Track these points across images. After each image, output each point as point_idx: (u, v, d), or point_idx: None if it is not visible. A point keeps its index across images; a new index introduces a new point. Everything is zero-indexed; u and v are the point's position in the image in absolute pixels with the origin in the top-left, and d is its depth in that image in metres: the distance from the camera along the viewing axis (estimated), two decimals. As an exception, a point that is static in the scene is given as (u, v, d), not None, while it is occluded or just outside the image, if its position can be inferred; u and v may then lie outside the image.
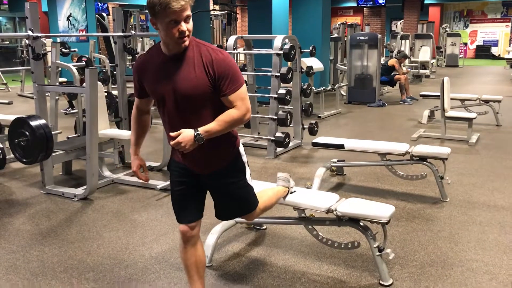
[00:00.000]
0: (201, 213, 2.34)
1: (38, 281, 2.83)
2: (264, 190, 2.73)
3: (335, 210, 2.81)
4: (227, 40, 6.38)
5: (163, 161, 4.89)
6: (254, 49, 6.61)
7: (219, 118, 2.09)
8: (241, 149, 2.34)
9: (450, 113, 6.40)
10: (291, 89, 5.91)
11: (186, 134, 2.03)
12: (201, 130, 2.04)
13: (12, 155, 4.36)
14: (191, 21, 2.05)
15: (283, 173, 3.00)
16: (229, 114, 2.10)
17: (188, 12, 2.01)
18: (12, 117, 4.30)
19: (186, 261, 2.35)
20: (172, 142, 2.05)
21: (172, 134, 2.04)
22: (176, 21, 1.97)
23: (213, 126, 2.08)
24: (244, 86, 2.15)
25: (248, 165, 2.38)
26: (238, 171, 2.32)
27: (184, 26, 2.00)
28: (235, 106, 2.11)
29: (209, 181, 2.29)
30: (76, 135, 5.42)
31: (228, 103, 2.11)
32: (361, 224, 2.81)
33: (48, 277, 2.87)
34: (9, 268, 2.99)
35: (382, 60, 10.62)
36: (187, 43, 2.06)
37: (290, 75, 5.63)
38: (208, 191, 2.37)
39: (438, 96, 6.62)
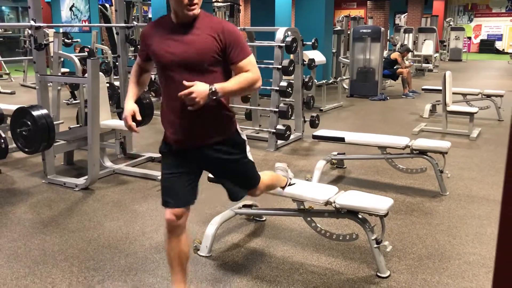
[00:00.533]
0: (189, 201, 2.27)
1: (39, 269, 2.86)
2: (266, 171, 2.76)
3: (334, 202, 2.83)
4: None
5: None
6: (256, 41, 6.61)
7: (234, 78, 2.14)
8: (239, 129, 2.35)
9: (451, 107, 6.40)
10: (292, 81, 5.91)
11: (201, 86, 2.01)
12: (216, 85, 2.05)
13: (14, 145, 4.38)
14: None
15: (281, 163, 3.02)
16: (244, 75, 2.14)
17: None
18: (14, 107, 4.32)
19: (169, 252, 2.32)
20: (184, 92, 2.00)
21: (186, 83, 2.01)
22: None
23: (228, 84, 2.10)
24: (252, 56, 2.20)
25: (247, 143, 2.39)
26: (237, 147, 2.32)
27: None
28: (248, 70, 2.15)
29: (207, 157, 2.25)
30: (78, 125, 5.45)
31: (239, 70, 2.15)
32: (360, 216, 2.83)
33: (49, 265, 2.90)
34: (11, 256, 3.02)
35: (385, 53, 10.60)
36: (196, 11, 2.10)
37: (291, 68, 5.63)
38: (205, 182, 2.37)
39: (440, 90, 6.61)
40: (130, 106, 2.30)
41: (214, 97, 2.04)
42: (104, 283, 2.70)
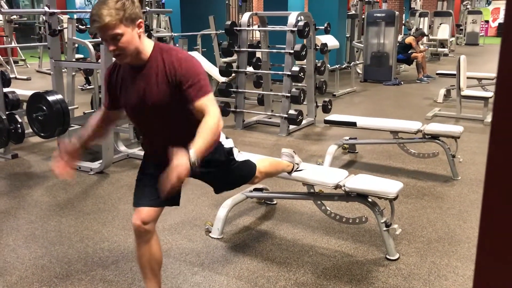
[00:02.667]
0: (161, 204, 2.10)
1: (56, 250, 2.94)
2: (267, 157, 2.77)
3: (344, 185, 2.85)
4: (242, 17, 6.37)
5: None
6: (269, 26, 6.59)
7: (200, 133, 1.87)
8: (222, 138, 2.23)
9: (466, 92, 6.34)
10: (305, 66, 5.90)
11: (182, 163, 1.75)
12: (193, 152, 1.79)
13: (30, 130, 4.47)
14: (125, 38, 1.85)
15: (287, 149, 3.04)
16: (207, 125, 1.89)
17: (116, 30, 1.83)
18: (30, 93, 4.40)
19: (139, 259, 2.20)
20: (166, 181, 1.75)
21: (166, 187, 1.76)
22: (104, 39, 1.88)
23: (201, 143, 1.84)
24: (212, 94, 1.98)
25: (234, 148, 2.32)
26: (223, 159, 2.24)
27: (111, 47, 1.86)
28: (206, 112, 1.92)
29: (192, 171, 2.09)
30: (92, 110, 5.52)
31: (197, 111, 1.93)
32: (369, 199, 2.85)
33: (65, 246, 2.99)
34: (28, 237, 3.11)
35: (400, 38, 10.48)
36: (125, 59, 1.92)
37: (304, 52, 5.61)
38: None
39: (455, 74, 6.54)
40: (71, 143, 2.10)
41: (196, 165, 1.79)
42: (118, 264, 2.78)
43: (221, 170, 2.29)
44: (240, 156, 2.37)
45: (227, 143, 2.28)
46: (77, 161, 2.17)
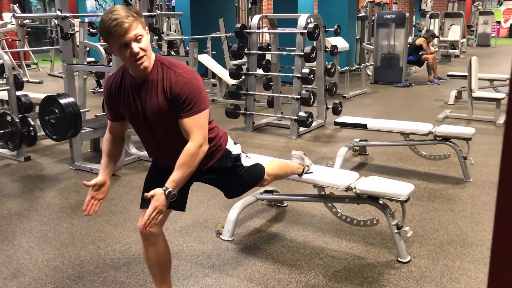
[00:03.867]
0: (169, 207, 2.03)
1: (68, 251, 2.97)
2: (276, 160, 2.78)
3: (355, 188, 2.84)
4: (251, 19, 6.39)
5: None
6: (278, 29, 6.60)
7: (178, 164, 1.91)
8: (229, 145, 2.23)
9: (477, 93, 6.29)
10: (315, 68, 5.90)
11: (156, 201, 1.85)
12: (168, 185, 1.88)
13: (42, 132, 4.52)
14: (144, 38, 1.87)
15: (297, 151, 3.04)
16: (186, 153, 1.90)
17: (137, 30, 1.83)
18: (42, 96, 4.45)
19: (146, 262, 2.21)
20: (145, 220, 1.85)
21: (147, 195, 1.87)
22: (126, 44, 1.83)
23: (177, 175, 1.90)
24: (205, 114, 1.95)
25: (242, 153, 2.32)
26: (232, 164, 2.23)
27: (135, 48, 1.84)
28: (190, 134, 1.92)
29: (199, 177, 2.18)
30: (104, 113, 5.56)
31: (183, 129, 1.93)
32: (380, 202, 2.84)
33: (77, 248, 3.01)
34: (41, 239, 3.14)
35: (410, 39, 10.44)
36: (146, 63, 1.89)
37: (313, 55, 5.61)
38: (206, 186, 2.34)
39: (466, 76, 6.50)
40: (99, 178, 2.11)
41: (174, 197, 1.88)
42: (130, 265, 2.79)
43: (228, 176, 2.28)
44: (248, 161, 2.35)
45: (235, 149, 2.26)
46: (103, 198, 2.17)
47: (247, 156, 2.39)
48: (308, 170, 2.98)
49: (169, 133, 2.01)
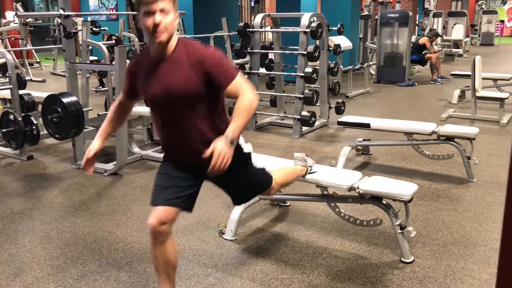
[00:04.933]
0: (180, 205, 2.14)
1: (71, 250, 2.97)
2: (281, 167, 2.77)
3: (358, 187, 2.83)
4: (254, 18, 6.38)
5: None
6: (281, 27, 6.59)
7: (235, 114, 2.00)
8: (241, 142, 2.25)
9: (481, 92, 6.27)
10: (318, 67, 5.89)
11: (219, 144, 1.92)
12: (229, 132, 1.95)
13: (45, 131, 4.52)
14: (170, 17, 1.97)
15: (299, 153, 3.02)
16: (240, 105, 2.01)
17: (165, 5, 1.94)
18: (45, 95, 4.45)
19: (154, 260, 2.21)
20: (213, 162, 1.89)
21: (206, 154, 1.92)
22: (149, 12, 1.93)
23: (236, 123, 1.98)
24: (240, 74, 2.08)
25: (251, 152, 2.33)
26: (241, 161, 2.24)
27: (158, 18, 1.93)
28: (239, 94, 2.02)
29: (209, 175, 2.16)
30: (106, 112, 5.56)
31: (231, 94, 2.04)
32: (384, 202, 2.83)
33: (80, 247, 3.01)
34: (44, 238, 3.14)
35: (413, 38, 10.41)
36: (163, 38, 1.96)
37: (316, 54, 5.60)
38: (215, 186, 2.34)
39: (469, 75, 6.47)
40: (95, 144, 2.24)
41: (235, 143, 1.97)
42: (132, 265, 2.79)
43: (239, 174, 2.26)
44: (257, 163, 2.37)
45: (246, 147, 2.29)
46: (97, 157, 2.31)
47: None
48: (311, 170, 2.97)
49: (190, 110, 2.06)
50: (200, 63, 2.00)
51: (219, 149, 1.91)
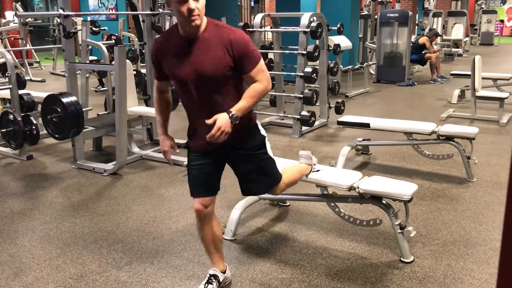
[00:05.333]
0: (216, 191, 2.37)
1: (70, 250, 2.97)
2: (287, 167, 2.77)
3: (358, 187, 2.83)
4: (254, 18, 6.37)
5: (190, 138, 4.98)
6: (281, 27, 6.59)
7: (246, 95, 2.17)
8: (258, 124, 2.40)
9: (480, 92, 6.26)
10: (317, 67, 5.88)
11: (222, 118, 2.08)
12: (233, 110, 2.11)
13: (45, 131, 4.52)
14: (201, 2, 2.08)
15: (305, 151, 3.03)
16: (255, 89, 2.17)
17: None
18: (44, 95, 4.45)
19: (204, 238, 2.43)
20: (212, 133, 2.07)
21: (208, 121, 2.08)
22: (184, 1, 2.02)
23: (243, 103, 2.14)
24: (262, 59, 2.21)
25: (267, 140, 2.43)
26: (258, 144, 2.37)
27: (192, 4, 2.03)
28: (257, 80, 2.17)
29: (228, 153, 2.32)
30: (106, 112, 5.56)
31: (250, 78, 2.18)
32: (383, 201, 2.83)
33: (79, 247, 3.01)
34: (43, 238, 3.14)
35: (413, 38, 10.40)
36: (198, 22, 2.08)
37: (316, 53, 5.60)
38: (229, 168, 2.42)
39: (469, 75, 6.47)
40: (167, 142, 2.43)
41: (237, 121, 2.11)
42: (132, 265, 2.79)
43: (254, 157, 2.36)
44: (271, 153, 2.45)
45: (263, 131, 2.41)
46: (175, 144, 2.47)
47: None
48: (314, 168, 2.98)
49: (216, 91, 2.16)
50: (230, 45, 2.10)
51: (220, 123, 2.07)
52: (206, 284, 2.45)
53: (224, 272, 2.52)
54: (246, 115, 2.25)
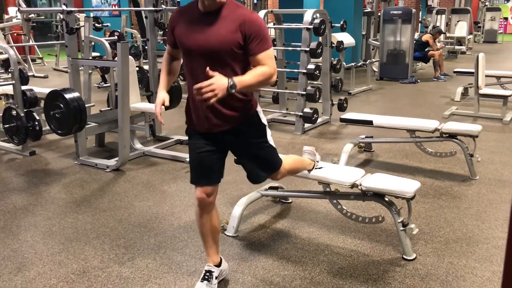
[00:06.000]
0: (218, 179, 2.36)
1: (73, 246, 2.97)
2: (291, 155, 2.78)
3: (360, 184, 2.83)
4: (257, 15, 6.35)
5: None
6: (284, 24, 6.57)
7: (251, 72, 2.14)
8: (260, 111, 2.40)
9: (484, 90, 6.24)
10: (320, 64, 5.87)
11: (221, 79, 2.00)
12: (235, 79, 2.05)
13: (47, 127, 4.52)
14: None
15: (309, 146, 3.03)
16: (261, 69, 2.14)
17: None
18: (47, 90, 4.45)
19: (201, 228, 2.43)
20: (204, 83, 1.97)
21: (210, 72, 2.00)
22: None
23: (245, 77, 2.11)
24: (272, 49, 2.21)
25: (268, 128, 2.44)
26: (258, 130, 2.38)
27: None
28: (264, 64, 2.15)
29: (229, 140, 2.33)
30: (109, 108, 5.56)
31: (256, 62, 2.16)
32: (386, 199, 2.83)
33: (82, 243, 3.01)
34: (46, 233, 3.15)
35: (416, 35, 10.37)
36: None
37: (319, 50, 5.58)
38: (231, 155, 2.43)
39: (473, 73, 6.45)
40: (161, 95, 2.38)
41: (233, 91, 2.04)
42: (134, 261, 2.79)
43: (254, 143, 2.37)
44: (271, 141, 2.45)
45: (264, 118, 2.41)
46: (167, 100, 2.38)
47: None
48: (317, 165, 2.97)
49: (223, 67, 2.13)
50: (243, 25, 2.11)
51: (215, 81, 1.98)
52: (203, 280, 2.45)
53: (219, 266, 2.51)
54: (246, 100, 2.27)
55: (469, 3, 17.33)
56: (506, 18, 22.87)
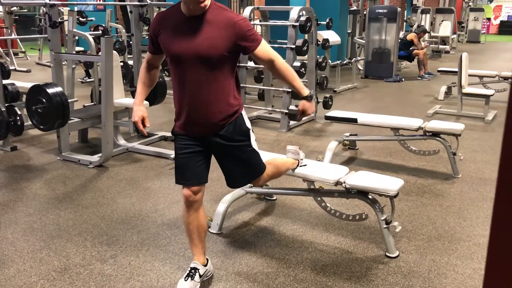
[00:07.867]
0: (205, 179, 2.37)
1: (54, 243, 2.93)
2: (273, 158, 2.77)
3: (344, 182, 2.84)
4: (243, 11, 6.34)
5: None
6: (270, 21, 6.56)
7: (287, 75, 2.34)
8: (244, 115, 2.40)
9: (467, 89, 6.32)
10: (306, 62, 5.88)
11: (307, 103, 2.42)
12: (304, 90, 2.40)
13: (29, 122, 4.45)
14: None
15: (293, 146, 3.02)
16: (280, 67, 2.32)
17: None
18: (29, 85, 4.38)
19: (188, 225, 2.42)
20: (308, 112, 2.43)
21: (299, 110, 2.44)
22: None
23: (297, 82, 2.38)
24: (264, 41, 2.30)
25: (252, 131, 2.43)
26: (242, 135, 2.36)
27: None
28: (270, 56, 2.28)
29: (214, 142, 2.32)
30: (92, 103, 5.50)
31: (262, 55, 2.25)
32: (370, 196, 2.84)
33: (64, 240, 2.97)
34: (27, 230, 3.10)
35: (401, 34, 10.45)
36: (207, 2, 2.13)
37: (305, 48, 5.59)
38: (214, 159, 2.42)
39: (456, 72, 6.52)
40: (139, 111, 2.41)
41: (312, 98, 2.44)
42: (117, 258, 2.76)
43: (237, 148, 2.36)
44: (255, 145, 2.44)
45: (248, 122, 2.42)
46: (146, 116, 2.44)
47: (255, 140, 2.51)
48: (301, 163, 2.97)
49: (208, 72, 2.17)
50: (233, 26, 2.14)
51: (308, 106, 2.43)
52: (187, 277, 2.42)
53: (205, 265, 2.50)
54: (231, 103, 2.28)
55: (453, 3, 17.50)
56: (489, 19, 23.18)
